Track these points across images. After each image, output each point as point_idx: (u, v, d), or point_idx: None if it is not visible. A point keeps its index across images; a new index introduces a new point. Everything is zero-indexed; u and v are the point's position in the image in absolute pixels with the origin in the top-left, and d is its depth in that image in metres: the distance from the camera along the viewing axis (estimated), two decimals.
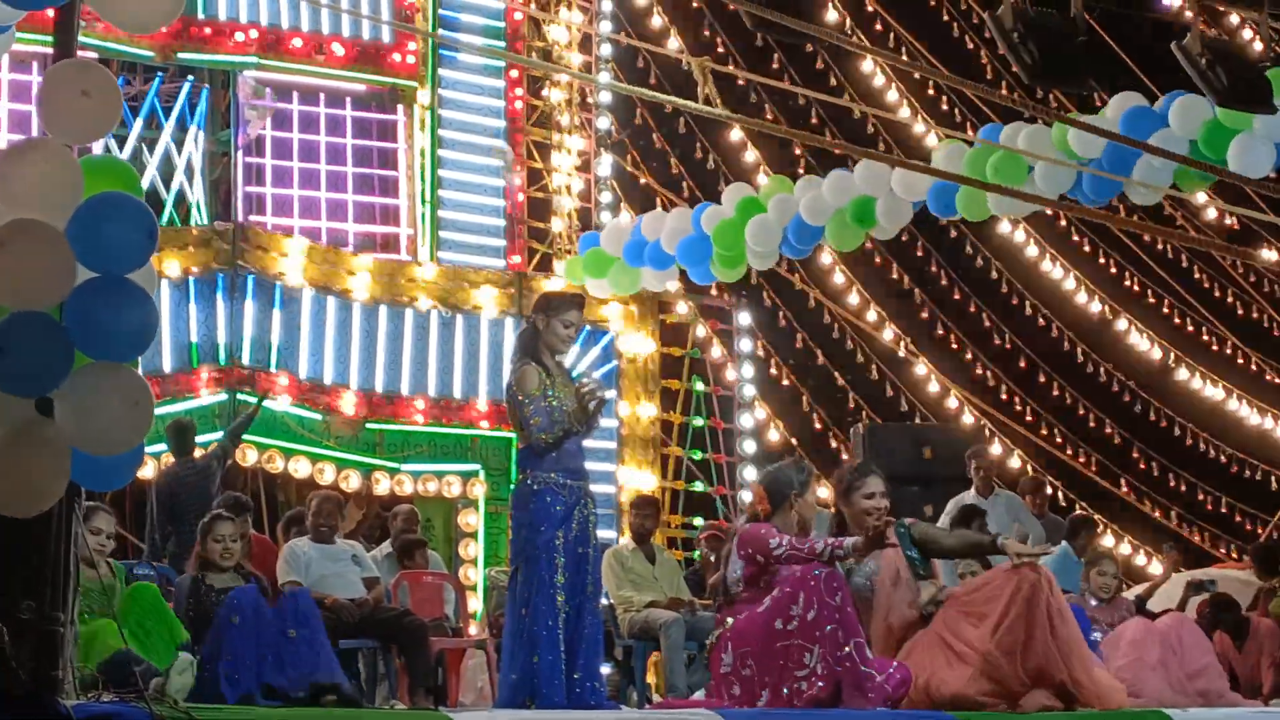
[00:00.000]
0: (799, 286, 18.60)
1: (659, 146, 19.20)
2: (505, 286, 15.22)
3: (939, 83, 19.14)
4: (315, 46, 15.36)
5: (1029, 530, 12.63)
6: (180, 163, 14.83)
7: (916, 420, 19.44)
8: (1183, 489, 21.08)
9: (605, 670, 10.09)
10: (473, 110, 16.17)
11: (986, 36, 18.82)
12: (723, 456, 17.03)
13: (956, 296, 20.46)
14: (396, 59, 15.67)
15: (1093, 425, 20.98)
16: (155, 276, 5.79)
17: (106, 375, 5.42)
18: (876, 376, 19.98)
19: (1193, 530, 20.77)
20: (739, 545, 7.67)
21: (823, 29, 8.92)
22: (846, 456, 16.28)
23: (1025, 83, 9.19)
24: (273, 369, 13.75)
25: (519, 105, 16.48)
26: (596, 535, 7.98)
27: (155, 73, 14.99)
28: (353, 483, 13.93)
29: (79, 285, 5.43)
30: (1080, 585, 10.40)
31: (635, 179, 18.53)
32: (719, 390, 17.06)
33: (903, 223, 12.54)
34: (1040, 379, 20.81)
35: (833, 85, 19.76)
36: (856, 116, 19.75)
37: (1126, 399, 21.08)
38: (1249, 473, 21.34)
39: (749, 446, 17.09)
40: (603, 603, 9.42)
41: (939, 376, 19.92)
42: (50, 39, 6.10)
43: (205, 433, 12.90)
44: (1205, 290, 21.08)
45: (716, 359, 17.12)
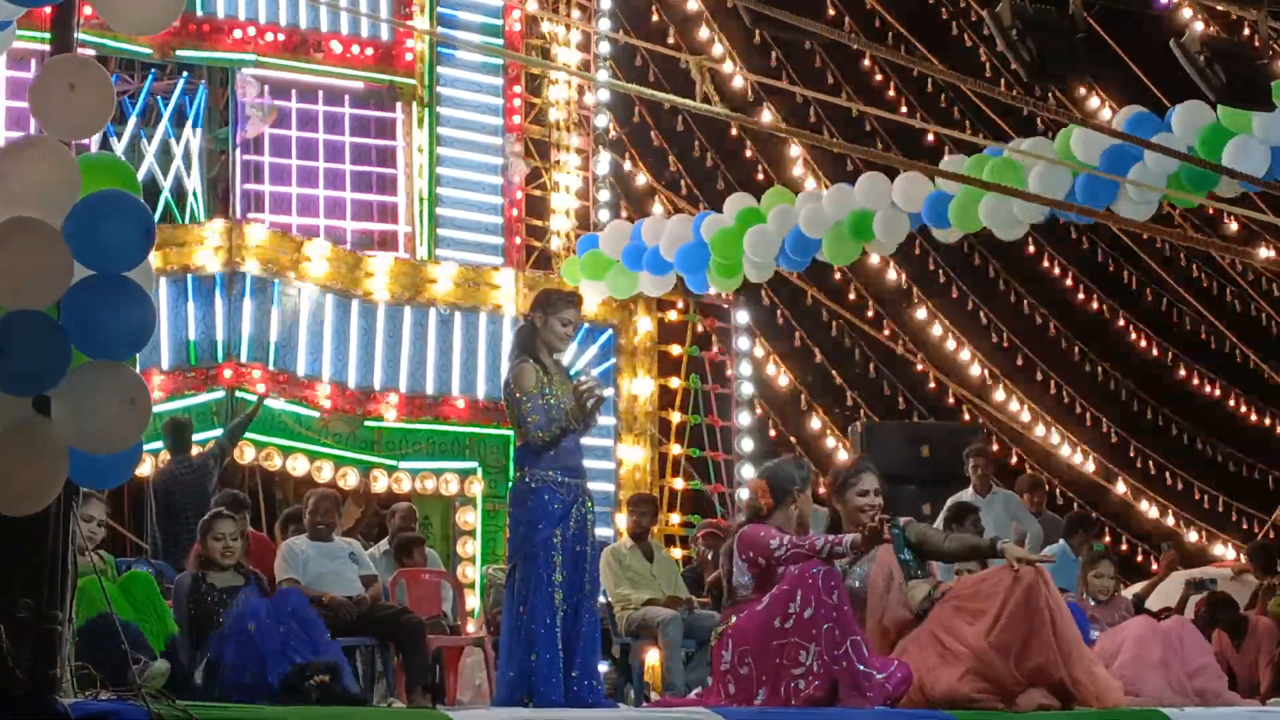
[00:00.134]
0: (797, 284, 18.57)
1: (657, 145, 19.18)
2: (503, 284, 15.19)
3: (937, 80, 19.10)
4: (314, 44, 15.35)
5: (1027, 529, 12.63)
6: (177, 160, 14.79)
7: (914, 418, 19.43)
8: (1179, 487, 21.07)
9: (603, 668, 10.08)
10: (471, 108, 16.15)
11: (985, 34, 18.81)
12: (720, 454, 17.02)
13: (954, 295, 20.45)
14: (395, 56, 15.65)
15: (1089, 424, 20.97)
16: (153, 274, 5.78)
17: (104, 374, 5.41)
18: (874, 375, 19.97)
19: (1190, 529, 20.76)
20: (739, 549, 7.65)
21: (821, 25, 8.89)
22: (845, 454, 16.27)
23: (1024, 80, 9.18)
24: (270, 367, 13.74)
25: (517, 103, 16.47)
26: (594, 533, 7.98)
27: (153, 70, 14.95)
28: (350, 480, 13.93)
29: (76, 283, 5.42)
30: (1078, 585, 10.40)
31: (633, 177, 18.51)
32: (717, 388, 17.05)
33: (900, 238, 12.55)
34: (1038, 376, 20.79)
35: (830, 84, 19.74)
36: (855, 115, 19.72)
37: (1124, 397, 21.07)
38: (1247, 471, 21.34)
39: (747, 444, 17.08)
40: (600, 600, 9.41)
41: (936, 374, 19.90)
42: (49, 36, 6.10)
43: (203, 430, 12.89)
44: (1204, 289, 21.07)
45: (714, 356, 17.11)
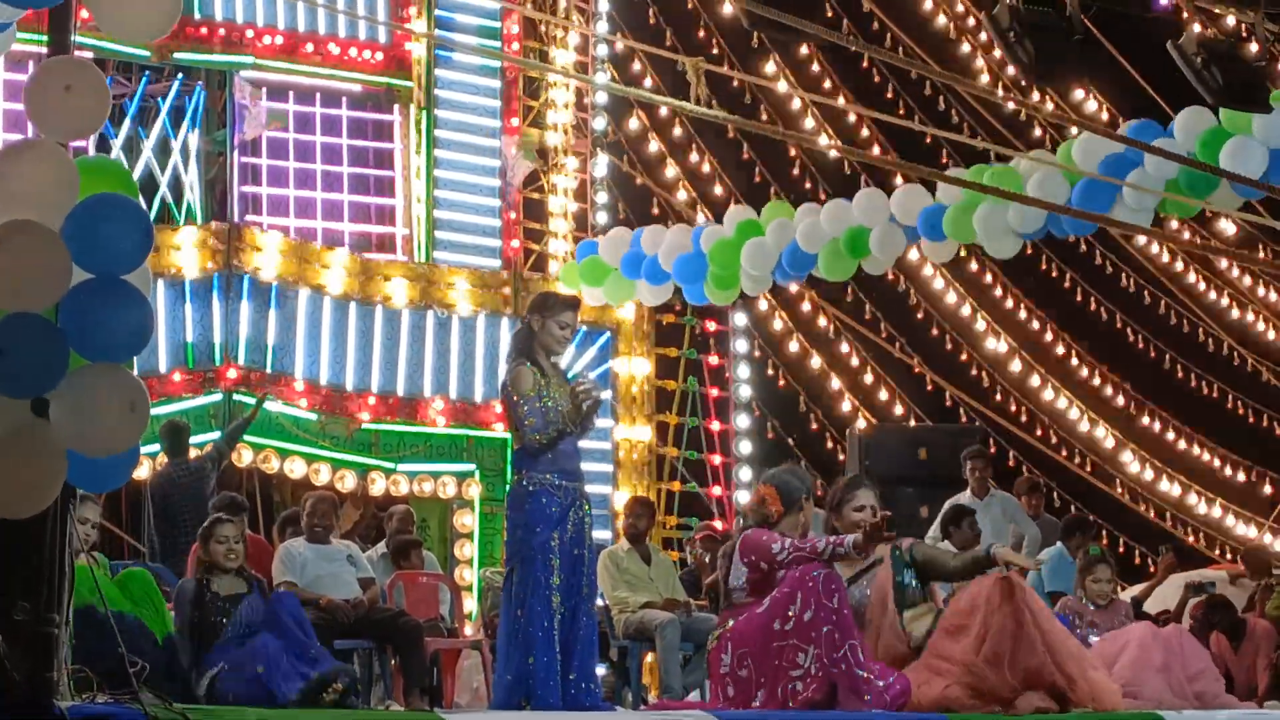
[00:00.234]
0: (795, 288, 18.58)
1: (655, 147, 19.17)
2: (501, 286, 15.20)
3: (935, 82, 19.10)
4: (311, 47, 15.34)
5: (1024, 531, 12.63)
6: (171, 162, 14.77)
7: (912, 422, 19.43)
8: (1176, 491, 21.07)
9: (600, 671, 10.08)
10: (468, 110, 16.14)
11: (984, 37, 18.83)
12: (718, 457, 17.03)
13: (952, 299, 20.45)
14: (392, 59, 15.65)
15: (1086, 427, 20.97)
16: (150, 277, 5.78)
17: (102, 376, 5.41)
18: (872, 378, 19.97)
19: (1187, 531, 20.76)
20: (741, 551, 7.64)
21: (818, 27, 8.90)
22: (843, 458, 16.28)
23: (1021, 82, 9.19)
24: (268, 369, 13.73)
25: (515, 106, 16.46)
26: (592, 536, 7.96)
27: (156, 73, 14.93)
28: (348, 483, 13.93)
29: (75, 286, 5.41)
30: (1075, 589, 10.38)
31: (631, 179, 18.51)
32: (715, 391, 17.06)
33: (896, 254, 12.54)
34: (1036, 380, 20.79)
35: (828, 88, 19.75)
36: (853, 120, 19.75)
37: (1121, 402, 21.07)
38: (1244, 475, 21.34)
39: (745, 447, 17.09)
40: (598, 604, 9.41)
41: (934, 377, 19.91)
42: (46, 38, 6.09)
43: (200, 433, 12.89)
44: (1201, 292, 21.07)
45: (712, 360, 17.13)
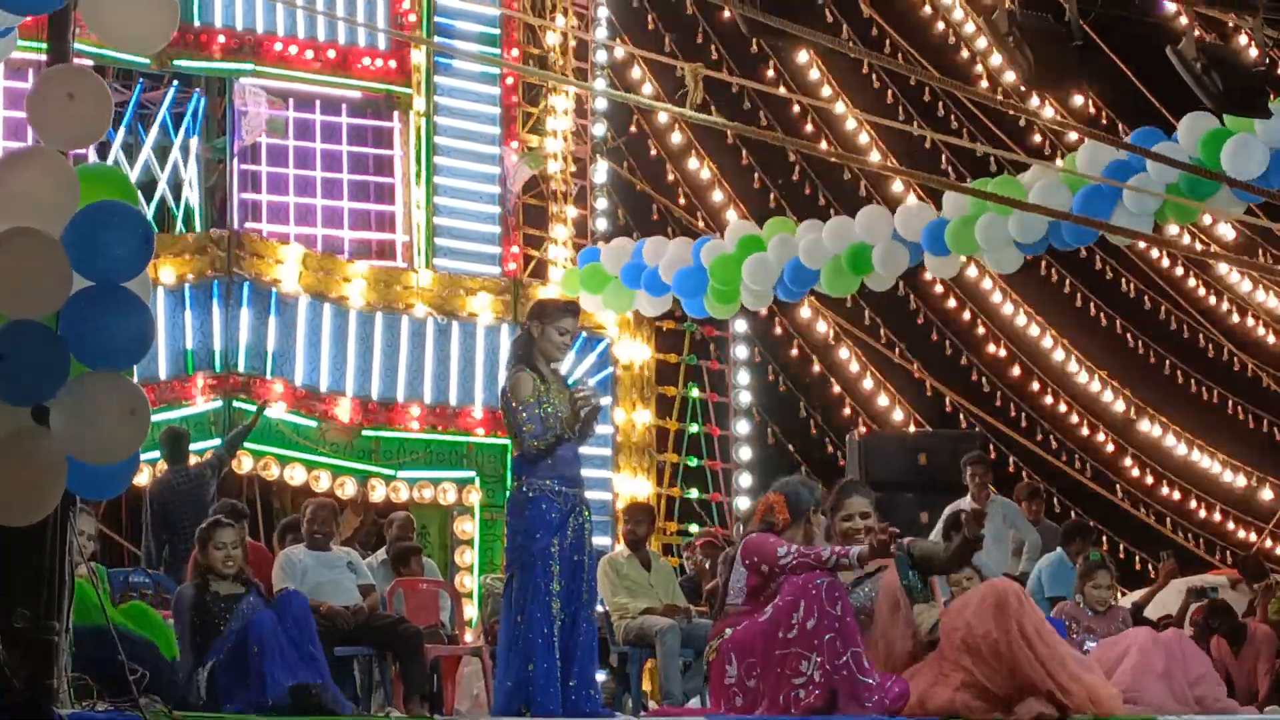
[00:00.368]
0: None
1: (655, 153, 19.18)
2: (500, 293, 15.20)
3: (934, 88, 19.11)
4: (311, 53, 15.34)
5: (1025, 537, 12.64)
6: (168, 169, 14.76)
7: (912, 427, 19.43)
8: (1176, 496, 21.08)
9: (600, 677, 10.07)
10: (468, 117, 16.14)
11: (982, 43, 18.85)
12: (718, 463, 17.03)
13: (952, 304, 20.46)
14: (392, 65, 15.66)
15: (1086, 432, 20.97)
16: (150, 284, 5.78)
17: (103, 384, 5.41)
18: (872, 384, 19.97)
19: (1187, 537, 20.76)
20: (743, 554, 7.61)
21: (816, 33, 8.90)
22: (843, 463, 16.28)
23: (1020, 87, 9.20)
24: (268, 376, 13.74)
25: (514, 112, 16.47)
26: (592, 542, 7.96)
27: (154, 80, 14.93)
28: (348, 490, 13.92)
29: (75, 294, 5.42)
30: (1074, 594, 10.37)
31: (631, 185, 18.51)
32: (715, 397, 17.06)
33: (900, 271, 12.55)
34: (1035, 385, 20.80)
35: (827, 94, 19.75)
36: (850, 127, 19.75)
37: (1121, 407, 21.07)
38: (1245, 479, 21.34)
39: (744, 453, 17.09)
40: (598, 610, 9.41)
41: (934, 383, 19.91)
42: (46, 46, 6.11)
43: (200, 440, 12.88)
44: (1200, 297, 21.08)
45: (712, 365, 17.13)
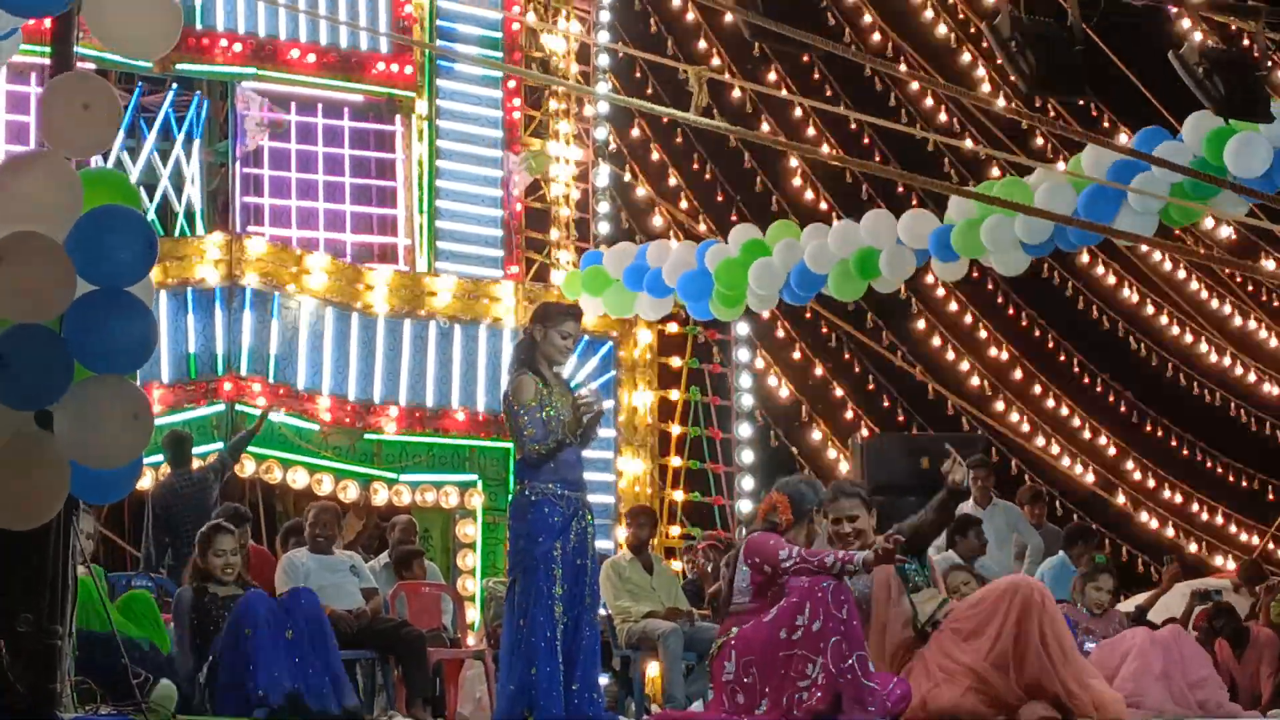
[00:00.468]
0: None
1: (657, 157, 19.18)
2: (502, 297, 15.19)
3: (938, 92, 19.12)
4: (313, 57, 15.34)
5: (1027, 540, 12.64)
6: (168, 169, 14.75)
7: (914, 430, 19.42)
8: (1178, 499, 21.07)
9: (603, 681, 10.07)
10: (470, 120, 16.13)
11: (984, 46, 18.83)
12: (721, 466, 17.03)
13: (954, 307, 20.46)
14: (394, 69, 15.66)
15: (1088, 435, 20.97)
16: (153, 288, 5.79)
17: (106, 388, 5.41)
18: (873, 386, 19.97)
19: (1189, 540, 20.76)
20: (746, 553, 7.63)
21: (819, 38, 8.89)
22: (845, 466, 16.29)
23: (1023, 92, 9.19)
24: (270, 380, 13.74)
25: (516, 115, 16.47)
26: (594, 546, 7.97)
27: (154, 83, 14.92)
28: (351, 493, 13.92)
29: (79, 298, 5.42)
30: (1072, 595, 10.39)
31: (633, 189, 18.52)
32: (717, 400, 17.06)
33: (906, 275, 12.55)
34: (1037, 389, 20.79)
35: (829, 95, 19.75)
36: (853, 127, 19.74)
37: (1123, 409, 21.07)
38: (1246, 482, 21.35)
39: (747, 456, 17.09)
40: (600, 613, 9.41)
41: (935, 386, 19.90)
42: (48, 50, 6.11)
43: (202, 444, 12.89)
44: (1203, 300, 21.08)
45: (715, 369, 17.12)
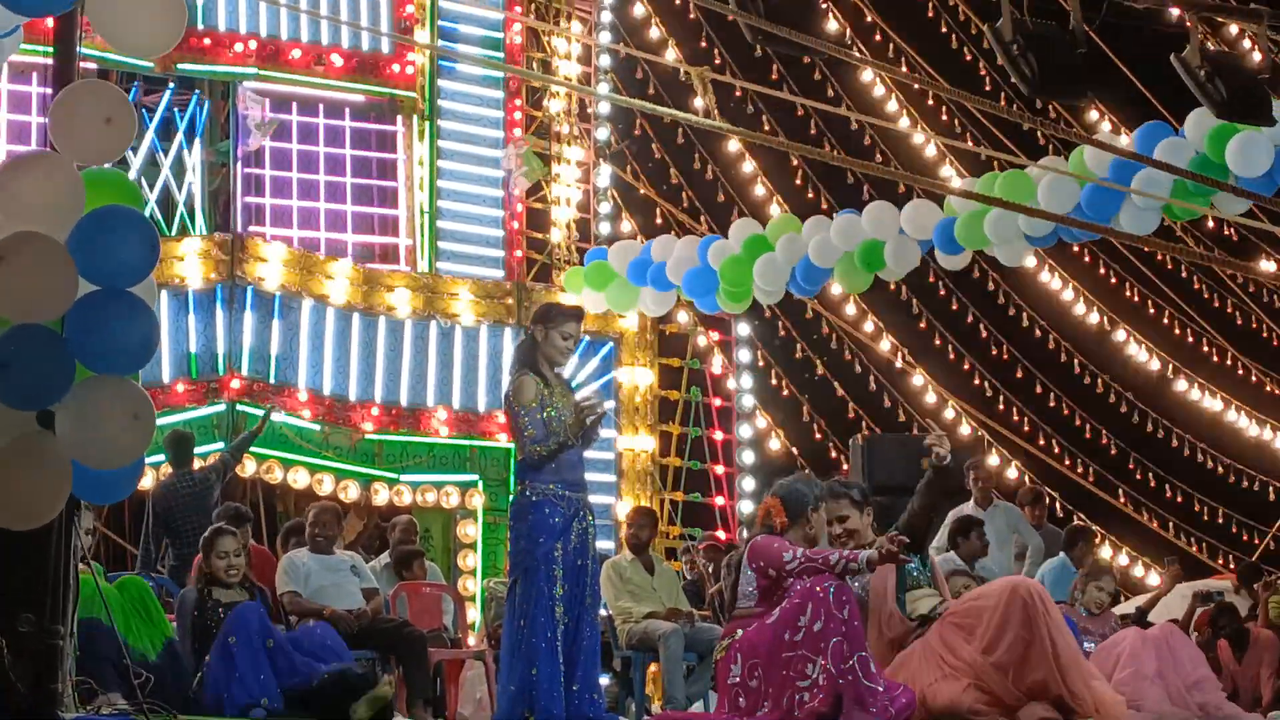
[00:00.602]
0: (798, 297, 18.59)
1: (659, 157, 19.18)
2: (503, 297, 15.20)
3: (939, 94, 19.11)
4: (314, 57, 15.33)
5: (1028, 541, 12.64)
6: (166, 171, 14.75)
7: (914, 431, 19.42)
8: (1179, 500, 21.07)
9: (604, 682, 10.08)
10: (471, 121, 16.13)
11: (986, 48, 18.83)
12: (721, 467, 17.03)
13: (954, 307, 20.46)
14: (395, 70, 15.66)
15: (1089, 436, 20.97)
16: (155, 289, 5.79)
17: (108, 389, 5.42)
18: (874, 387, 19.97)
19: (1190, 541, 20.75)
20: (750, 558, 7.62)
21: (822, 40, 8.90)
22: (846, 467, 16.27)
23: (1025, 95, 9.19)
24: (272, 380, 13.74)
25: (518, 116, 16.47)
26: (595, 547, 7.97)
27: (152, 83, 14.91)
28: (351, 493, 13.92)
29: (80, 298, 5.42)
30: (1072, 595, 10.39)
31: (635, 189, 18.52)
32: (718, 401, 17.06)
33: (911, 265, 12.58)
34: (1037, 390, 20.80)
35: (830, 96, 19.75)
36: (854, 127, 19.75)
37: (1124, 410, 21.07)
38: (1246, 483, 21.34)
39: (748, 457, 17.09)
40: (601, 614, 9.41)
41: (936, 387, 19.91)
42: (50, 49, 6.11)
43: (204, 444, 12.89)
44: (1204, 301, 21.08)
45: (715, 369, 17.13)
